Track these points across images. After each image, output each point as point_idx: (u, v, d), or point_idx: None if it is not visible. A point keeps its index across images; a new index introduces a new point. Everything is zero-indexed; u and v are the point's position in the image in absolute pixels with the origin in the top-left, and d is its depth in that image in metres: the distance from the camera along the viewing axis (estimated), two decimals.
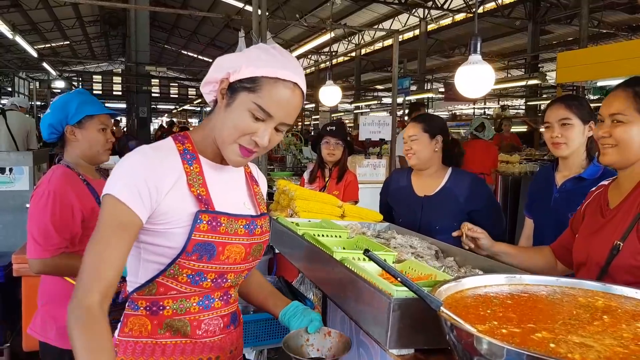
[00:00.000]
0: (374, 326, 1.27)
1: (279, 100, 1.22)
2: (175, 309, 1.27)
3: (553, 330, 1.03)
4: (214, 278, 1.28)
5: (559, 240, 1.94)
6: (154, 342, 1.27)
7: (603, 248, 1.57)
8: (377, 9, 16.11)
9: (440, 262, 1.87)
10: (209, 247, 1.23)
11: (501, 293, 1.24)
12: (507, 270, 1.63)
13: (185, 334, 1.29)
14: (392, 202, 2.75)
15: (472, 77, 3.01)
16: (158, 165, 1.22)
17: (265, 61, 1.23)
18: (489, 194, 2.69)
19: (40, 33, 19.70)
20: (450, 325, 0.98)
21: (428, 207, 2.56)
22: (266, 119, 1.22)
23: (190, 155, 1.29)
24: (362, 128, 4.84)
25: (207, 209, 1.25)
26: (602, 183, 1.81)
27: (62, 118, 2.10)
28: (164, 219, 1.22)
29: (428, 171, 2.62)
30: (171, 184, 1.23)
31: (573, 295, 1.26)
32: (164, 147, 1.29)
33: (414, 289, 0.99)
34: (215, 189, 1.30)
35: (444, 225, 2.46)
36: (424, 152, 2.55)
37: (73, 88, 22.41)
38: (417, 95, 15.63)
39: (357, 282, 1.38)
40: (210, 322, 1.33)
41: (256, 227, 1.36)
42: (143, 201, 1.18)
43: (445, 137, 2.60)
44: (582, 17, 10.33)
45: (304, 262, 1.95)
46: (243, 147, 1.24)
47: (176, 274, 1.24)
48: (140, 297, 1.28)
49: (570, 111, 2.23)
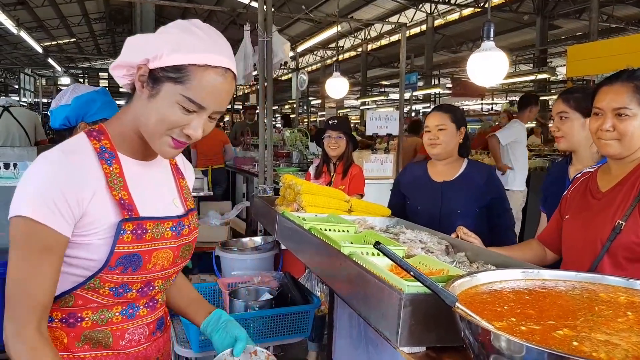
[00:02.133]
0: (384, 323, 1.21)
1: (211, 90, 1.10)
2: (95, 320, 1.16)
3: (575, 327, 0.98)
4: (139, 288, 1.19)
5: (547, 229, 2.00)
6: (71, 356, 1.15)
7: (604, 228, 1.64)
8: (384, 4, 16.01)
9: (451, 257, 1.82)
10: (134, 258, 1.13)
11: (518, 288, 1.18)
12: (522, 265, 1.57)
13: (106, 346, 1.18)
14: (408, 192, 2.73)
15: (484, 64, 2.94)
16: (74, 173, 1.08)
17: (190, 45, 1.09)
18: (502, 189, 2.71)
19: (46, 30, 19.74)
20: (466, 322, 0.93)
21: (449, 192, 2.56)
22: (198, 111, 1.11)
23: (109, 154, 1.15)
24: (369, 123, 4.79)
25: (130, 216, 1.13)
26: (586, 170, 1.91)
27: (82, 114, 2.10)
28: (84, 231, 1.10)
29: (446, 160, 2.62)
30: (92, 192, 1.09)
31: (594, 291, 1.20)
32: (77, 149, 1.13)
33: (428, 284, 0.93)
34: (139, 189, 1.18)
35: (466, 209, 2.50)
36: (451, 142, 2.56)
37: None
38: (424, 91, 15.56)
39: (366, 278, 1.33)
40: (134, 332, 1.22)
41: (183, 227, 1.26)
42: (64, 217, 1.06)
43: (466, 129, 2.64)
44: (592, 11, 10.20)
45: (310, 258, 1.90)
46: (175, 139, 1.13)
47: (97, 287, 1.13)
48: (55, 309, 1.14)
49: (567, 105, 2.28)
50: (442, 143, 2.54)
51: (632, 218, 1.60)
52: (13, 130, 5.82)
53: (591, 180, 1.83)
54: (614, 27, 14.37)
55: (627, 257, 1.61)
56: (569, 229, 1.82)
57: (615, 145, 1.66)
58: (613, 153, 1.68)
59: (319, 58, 22.81)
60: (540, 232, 2.07)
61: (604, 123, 1.66)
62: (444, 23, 17.10)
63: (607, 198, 1.70)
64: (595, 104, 1.71)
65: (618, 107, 1.63)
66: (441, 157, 2.60)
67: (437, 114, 2.61)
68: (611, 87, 1.66)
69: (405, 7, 16.21)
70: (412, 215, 2.62)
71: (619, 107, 1.62)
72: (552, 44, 16.38)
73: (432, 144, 2.57)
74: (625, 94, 1.62)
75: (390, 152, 4.84)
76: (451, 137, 2.55)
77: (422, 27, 17.24)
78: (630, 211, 1.60)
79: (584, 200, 1.81)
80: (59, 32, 20.53)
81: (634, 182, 1.65)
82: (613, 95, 1.64)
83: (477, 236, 1.98)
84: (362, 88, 22.47)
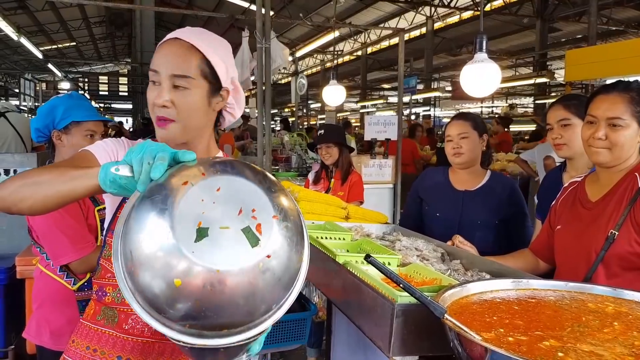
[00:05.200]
0: (377, 332, 1.24)
1: (160, 55, 1.23)
2: (113, 297, 1.26)
3: (561, 338, 1.00)
4: None
5: (538, 239, 2.01)
6: (90, 326, 1.28)
7: (597, 238, 1.65)
8: (383, 7, 16.05)
9: (447, 265, 1.84)
10: None
11: (508, 298, 1.20)
12: (514, 274, 1.59)
13: (112, 325, 1.26)
14: (427, 197, 2.66)
15: (477, 76, 2.96)
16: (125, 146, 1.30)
17: None
18: (524, 204, 2.62)
19: (46, 34, 19.80)
20: (454, 333, 0.95)
21: (470, 202, 2.49)
22: (158, 79, 1.22)
23: None
24: (368, 128, 4.79)
25: None
26: (574, 179, 1.92)
27: (48, 122, 2.07)
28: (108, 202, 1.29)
29: (469, 169, 2.55)
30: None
31: (582, 301, 1.23)
32: None
33: (417, 296, 0.96)
34: None
35: (486, 220, 2.43)
36: (474, 150, 2.49)
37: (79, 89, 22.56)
38: (423, 94, 15.57)
39: (360, 287, 1.35)
40: (138, 319, 1.24)
41: None
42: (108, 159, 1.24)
43: (488, 136, 2.58)
44: (591, 14, 10.23)
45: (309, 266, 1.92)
46: (157, 119, 1.23)
47: (108, 254, 1.25)
48: (95, 281, 1.30)
49: (568, 111, 2.23)
50: (466, 152, 2.47)
51: (624, 227, 1.61)
52: (9, 136, 5.82)
53: (579, 190, 1.84)
54: (613, 30, 14.40)
55: (621, 266, 1.63)
56: (562, 240, 1.83)
57: (606, 154, 1.67)
58: (602, 161, 1.70)
59: (318, 61, 22.86)
60: (533, 242, 2.07)
61: (597, 131, 1.67)
62: (443, 26, 17.14)
63: (598, 208, 1.72)
64: (589, 112, 1.72)
65: (612, 117, 1.64)
66: (465, 166, 2.53)
67: (458, 122, 2.54)
68: (607, 96, 1.68)
69: (404, 10, 16.24)
70: (429, 222, 2.59)
71: (613, 116, 1.64)
72: (551, 47, 16.42)
73: (455, 153, 2.49)
74: (621, 104, 1.64)
75: (389, 157, 4.86)
76: (474, 144, 2.48)
77: (421, 30, 17.28)
78: (622, 221, 1.61)
79: (574, 210, 1.82)
80: (59, 35, 20.60)
81: (623, 191, 1.67)
82: (608, 105, 1.66)
83: (472, 245, 1.99)
84: (361, 91, 22.51)
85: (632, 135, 1.65)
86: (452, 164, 2.59)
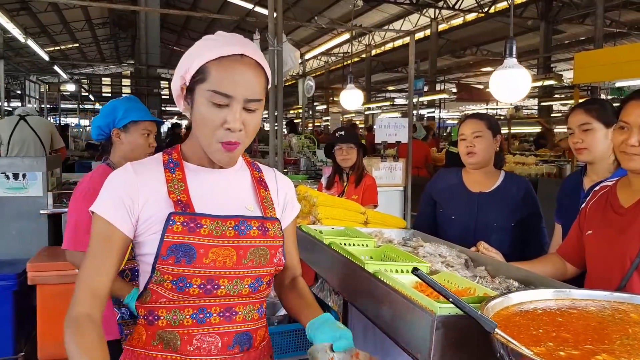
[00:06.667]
0: (415, 344, 1.21)
1: (231, 76, 1.16)
2: (169, 320, 1.21)
3: (613, 352, 0.97)
4: (200, 284, 1.19)
5: (567, 243, 1.99)
6: (146, 353, 1.23)
7: (632, 244, 1.63)
8: (388, 10, 16.03)
9: (471, 271, 1.81)
10: (187, 250, 1.17)
11: (549, 309, 1.17)
12: (546, 281, 1.56)
13: (175, 349, 1.21)
14: (441, 199, 2.63)
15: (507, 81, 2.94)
16: (134, 178, 1.23)
17: (206, 47, 1.20)
18: (539, 205, 2.59)
19: (49, 36, 19.81)
20: (505, 348, 0.92)
21: (485, 204, 2.46)
22: (228, 102, 1.16)
23: (174, 164, 1.28)
24: (378, 130, 4.77)
25: (183, 211, 1.20)
26: (605, 183, 1.89)
27: (109, 121, 2.28)
28: (143, 229, 1.22)
29: (483, 170, 2.52)
30: (149, 194, 1.22)
31: (624, 311, 1.19)
32: (147, 161, 1.30)
33: (467, 310, 0.93)
34: (201, 192, 1.26)
35: (502, 223, 2.41)
36: (488, 150, 2.47)
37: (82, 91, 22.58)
38: (429, 97, 15.53)
39: (393, 297, 1.32)
40: (203, 339, 1.22)
41: (250, 228, 1.26)
42: (122, 214, 1.20)
43: (502, 137, 2.55)
44: (598, 16, 10.19)
45: (329, 271, 1.89)
46: (223, 143, 1.19)
47: (160, 280, 1.19)
48: (141, 306, 1.26)
49: (589, 115, 2.24)
50: (480, 151, 2.44)
51: None
52: (29, 139, 5.84)
53: (611, 195, 1.82)
54: (617, 32, 14.37)
55: None
56: (593, 245, 1.81)
57: (639, 161, 1.65)
58: (636, 168, 1.67)
59: (322, 62, 22.85)
60: (560, 246, 2.05)
61: (630, 137, 1.64)
62: (447, 28, 17.12)
63: (631, 214, 1.69)
64: (622, 117, 1.69)
65: None
66: (478, 166, 2.51)
67: (472, 120, 2.52)
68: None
69: (409, 12, 16.22)
70: (445, 225, 2.56)
71: None
72: (556, 49, 16.39)
73: (469, 152, 2.46)
74: None
75: (400, 160, 4.83)
76: (488, 144, 2.46)
77: (426, 32, 17.26)
78: None
79: (606, 215, 1.79)
80: (61, 37, 20.61)
81: None
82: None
83: (497, 251, 1.96)
84: (366, 93, 22.50)
85: None
86: (465, 164, 2.56)
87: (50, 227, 4.10)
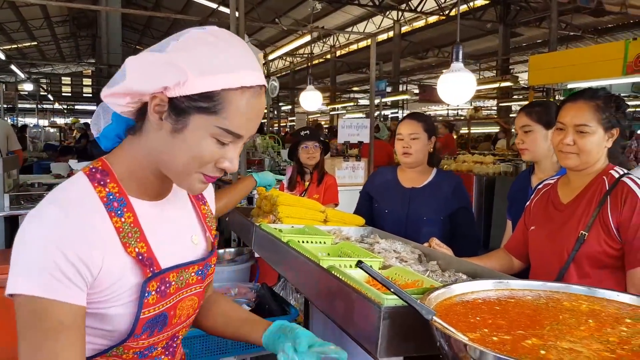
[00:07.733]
0: (364, 335, 1.27)
1: (249, 115, 0.93)
2: None
3: (542, 336, 1.05)
4: (164, 344, 1.06)
5: (513, 239, 2.11)
6: None
7: (569, 238, 1.76)
8: (352, 11, 16.20)
9: (424, 266, 1.89)
10: (161, 318, 0.99)
11: (488, 299, 1.25)
12: (492, 274, 1.65)
13: None
14: (377, 195, 2.77)
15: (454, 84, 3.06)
16: (78, 233, 0.88)
17: (220, 64, 0.89)
18: (469, 200, 2.77)
19: (6, 34, 19.18)
20: (442, 334, 0.99)
21: (416, 199, 2.61)
22: (233, 140, 0.95)
23: (118, 203, 0.95)
24: (341, 131, 4.85)
25: (152, 272, 0.96)
26: (548, 181, 2.02)
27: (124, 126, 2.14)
28: (100, 297, 0.93)
29: (417, 168, 2.67)
30: (102, 253, 0.91)
31: (557, 300, 1.28)
32: (78, 201, 0.92)
33: (407, 299, 0.99)
34: (156, 235, 1.00)
35: (432, 216, 2.55)
36: (422, 151, 2.61)
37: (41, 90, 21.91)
38: (392, 97, 15.76)
39: (345, 291, 1.38)
40: None
41: (209, 267, 1.14)
42: (74, 284, 0.87)
43: (436, 139, 2.70)
44: (552, 20, 10.56)
45: (288, 269, 1.94)
46: (207, 175, 0.97)
47: (121, 353, 0.99)
48: None
49: (529, 118, 2.40)
50: (415, 152, 2.59)
51: (594, 229, 1.71)
52: None
53: (552, 192, 1.94)
54: (572, 35, 14.92)
55: (591, 265, 1.73)
56: (536, 240, 1.92)
57: (575, 159, 1.78)
58: (572, 165, 1.81)
59: (287, 63, 22.85)
60: (507, 241, 2.16)
61: (565, 137, 1.78)
62: (410, 30, 17.40)
63: (569, 210, 1.81)
64: (559, 119, 1.82)
65: (579, 124, 1.75)
66: (413, 165, 2.66)
67: (410, 122, 2.65)
68: (574, 104, 1.78)
69: (372, 14, 16.42)
70: (379, 218, 2.69)
71: (580, 123, 1.75)
72: (514, 51, 16.86)
73: (405, 152, 2.61)
74: (587, 111, 1.74)
75: (362, 159, 4.93)
76: (423, 146, 2.60)
77: (389, 33, 17.51)
78: (592, 222, 1.72)
79: (547, 211, 1.91)
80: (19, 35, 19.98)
81: (592, 194, 1.77)
82: (575, 112, 1.76)
83: (448, 247, 2.06)
84: (331, 94, 22.63)
85: (599, 141, 1.75)
86: (401, 163, 2.72)
87: (7, 229, 4.01)
